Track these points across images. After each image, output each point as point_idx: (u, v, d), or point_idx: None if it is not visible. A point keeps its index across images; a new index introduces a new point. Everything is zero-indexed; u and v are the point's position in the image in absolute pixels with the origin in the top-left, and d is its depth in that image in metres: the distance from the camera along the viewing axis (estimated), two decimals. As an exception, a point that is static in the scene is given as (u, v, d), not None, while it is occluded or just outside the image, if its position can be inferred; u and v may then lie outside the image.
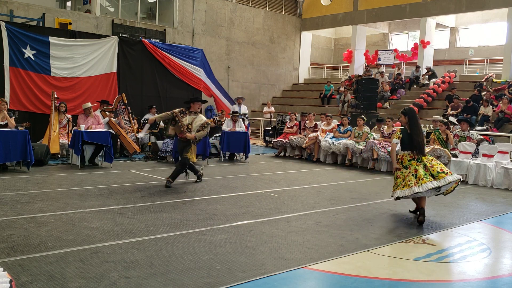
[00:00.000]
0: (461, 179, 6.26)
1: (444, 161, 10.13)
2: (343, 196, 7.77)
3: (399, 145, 6.34)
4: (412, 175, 6.04)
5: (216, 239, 4.94)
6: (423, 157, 6.14)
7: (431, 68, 20.15)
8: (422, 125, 12.03)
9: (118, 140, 11.30)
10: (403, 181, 6.13)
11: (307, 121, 13.57)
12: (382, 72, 20.75)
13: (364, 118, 12.24)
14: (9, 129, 8.79)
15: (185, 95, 14.56)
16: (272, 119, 18.02)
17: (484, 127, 14.27)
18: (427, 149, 10.25)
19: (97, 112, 11.02)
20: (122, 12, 19.32)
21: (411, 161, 6.12)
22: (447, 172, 6.05)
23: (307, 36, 25.47)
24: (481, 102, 15.45)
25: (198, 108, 8.22)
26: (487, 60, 20.21)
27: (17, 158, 8.78)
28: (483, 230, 5.98)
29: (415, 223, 6.10)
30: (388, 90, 19.91)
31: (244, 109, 15.00)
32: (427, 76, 19.83)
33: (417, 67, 20.36)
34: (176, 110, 8.09)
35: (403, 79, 20.61)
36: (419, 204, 6.28)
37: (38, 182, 7.86)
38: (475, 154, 10.47)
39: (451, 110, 15.81)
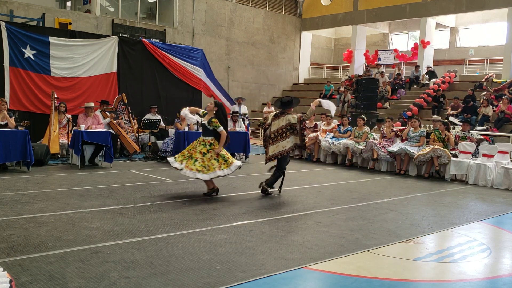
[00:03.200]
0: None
1: (444, 161, 10.14)
2: (343, 196, 7.77)
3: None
4: (215, 159, 7.05)
5: (216, 239, 4.94)
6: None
7: (431, 67, 20.13)
8: (422, 125, 12.11)
9: (118, 140, 11.30)
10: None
11: (307, 121, 13.55)
12: (382, 72, 20.75)
13: (364, 118, 12.24)
14: (9, 129, 8.79)
15: (185, 95, 14.58)
16: (272, 119, 17.98)
17: (484, 127, 14.28)
18: (427, 149, 10.29)
19: (97, 112, 11.02)
20: (122, 12, 19.32)
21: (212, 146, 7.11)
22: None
23: (307, 36, 25.47)
24: (481, 102, 15.45)
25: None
26: (487, 60, 20.21)
27: (17, 158, 8.77)
28: (483, 230, 5.97)
29: (415, 223, 6.11)
30: (388, 90, 19.91)
31: (244, 109, 15.00)
32: (427, 76, 19.83)
33: (417, 67, 20.36)
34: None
35: (403, 79, 20.61)
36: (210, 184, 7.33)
37: (38, 182, 7.86)
38: (475, 154, 10.47)
39: (451, 110, 15.82)
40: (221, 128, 7.05)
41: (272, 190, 7.65)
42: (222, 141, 7.10)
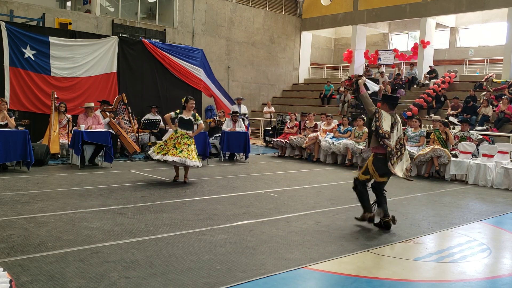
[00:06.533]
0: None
1: (444, 161, 10.14)
2: (343, 196, 7.76)
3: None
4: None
5: (216, 239, 4.94)
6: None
7: (434, 69, 20.05)
8: (422, 125, 12.09)
9: (118, 140, 11.30)
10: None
11: (307, 121, 13.57)
12: (382, 72, 20.74)
13: (364, 118, 12.21)
14: (9, 129, 8.79)
15: (185, 95, 14.52)
16: (272, 119, 18.02)
17: (484, 127, 14.27)
18: (427, 149, 10.29)
19: (97, 112, 11.02)
20: (122, 12, 19.31)
21: None
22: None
23: (307, 36, 25.46)
24: (481, 102, 15.45)
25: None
26: (487, 60, 20.20)
27: (17, 158, 8.77)
28: (483, 230, 5.97)
29: (415, 223, 6.10)
30: (388, 90, 19.88)
31: (244, 109, 15.00)
32: (428, 76, 19.82)
33: (411, 65, 20.35)
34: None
35: (403, 79, 20.61)
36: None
37: (38, 182, 7.86)
38: (475, 154, 10.47)
39: (451, 110, 15.81)
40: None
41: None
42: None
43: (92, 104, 10.73)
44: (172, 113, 8.42)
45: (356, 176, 5.88)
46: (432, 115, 15.21)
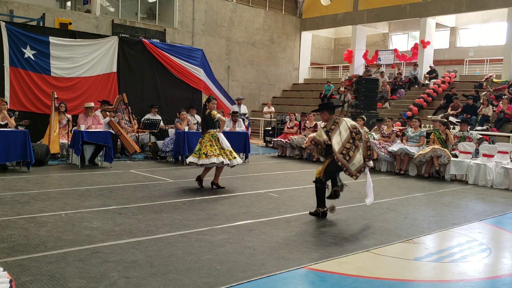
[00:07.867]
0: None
1: (444, 161, 10.14)
2: (343, 196, 7.74)
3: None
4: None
5: (216, 239, 4.94)
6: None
7: (434, 68, 20.05)
8: (422, 125, 12.10)
9: (118, 140, 11.30)
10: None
11: (307, 121, 13.57)
12: (382, 72, 20.75)
13: (364, 118, 12.22)
14: (9, 129, 8.79)
15: (185, 95, 14.59)
16: (272, 119, 18.02)
17: (484, 127, 14.28)
18: (427, 149, 10.29)
19: (97, 112, 11.02)
20: (122, 12, 19.32)
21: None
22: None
23: (307, 36, 25.47)
24: (481, 102, 15.46)
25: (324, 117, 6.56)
26: (487, 60, 20.21)
27: (17, 158, 8.77)
28: (483, 230, 5.97)
29: (415, 223, 6.10)
30: (388, 90, 19.92)
31: (244, 109, 15.01)
32: (428, 76, 19.83)
33: (415, 65, 20.35)
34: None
35: (403, 79, 20.61)
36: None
37: (38, 182, 7.86)
38: (475, 154, 10.47)
39: (451, 110, 15.82)
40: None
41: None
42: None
43: (92, 104, 10.73)
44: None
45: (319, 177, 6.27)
46: (438, 116, 15.19)
